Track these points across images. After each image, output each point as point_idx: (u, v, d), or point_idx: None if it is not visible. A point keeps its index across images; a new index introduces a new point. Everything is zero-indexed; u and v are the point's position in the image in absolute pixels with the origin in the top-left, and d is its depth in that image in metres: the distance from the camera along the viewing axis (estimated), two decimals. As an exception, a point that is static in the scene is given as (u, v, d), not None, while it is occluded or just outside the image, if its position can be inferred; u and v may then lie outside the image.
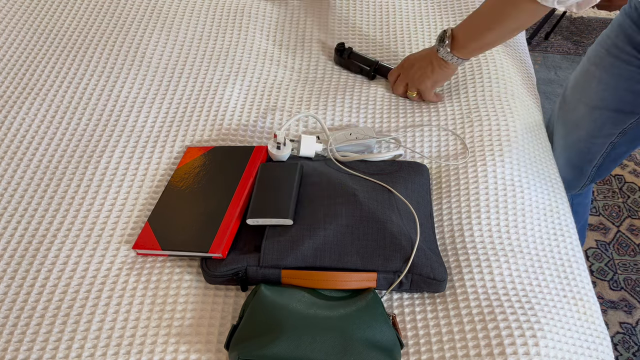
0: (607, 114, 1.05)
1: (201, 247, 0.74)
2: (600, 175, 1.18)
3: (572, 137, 1.13)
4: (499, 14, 0.85)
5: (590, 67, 1.06)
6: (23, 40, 1.11)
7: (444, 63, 0.94)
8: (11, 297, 0.73)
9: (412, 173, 0.86)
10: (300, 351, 0.63)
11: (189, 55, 1.09)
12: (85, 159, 0.90)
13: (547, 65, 2.23)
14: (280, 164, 0.86)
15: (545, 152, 0.98)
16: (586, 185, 1.22)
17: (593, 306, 0.77)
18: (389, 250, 0.73)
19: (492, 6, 0.86)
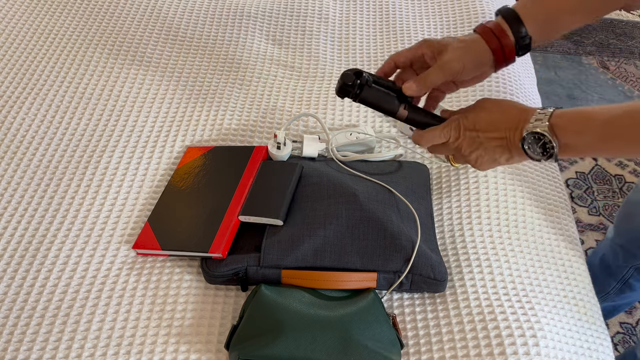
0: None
1: (201, 247, 0.74)
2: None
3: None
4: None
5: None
6: (23, 40, 1.11)
7: (525, 158, 0.64)
8: (11, 297, 0.73)
9: (412, 173, 0.86)
10: (300, 351, 0.63)
11: (188, 55, 1.09)
12: (85, 159, 0.90)
13: (547, 65, 2.23)
14: (281, 163, 0.86)
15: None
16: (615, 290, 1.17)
17: (593, 307, 0.77)
18: (389, 250, 0.73)
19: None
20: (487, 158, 0.67)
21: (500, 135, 0.64)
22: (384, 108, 0.69)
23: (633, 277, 1.10)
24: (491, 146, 0.65)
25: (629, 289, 1.13)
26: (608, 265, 1.13)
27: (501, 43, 0.68)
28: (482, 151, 0.66)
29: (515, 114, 0.64)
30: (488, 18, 1.18)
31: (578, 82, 2.17)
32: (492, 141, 0.65)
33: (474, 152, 0.67)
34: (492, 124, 0.65)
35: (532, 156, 0.62)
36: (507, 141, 0.64)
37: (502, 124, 0.64)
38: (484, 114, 0.66)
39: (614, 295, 1.17)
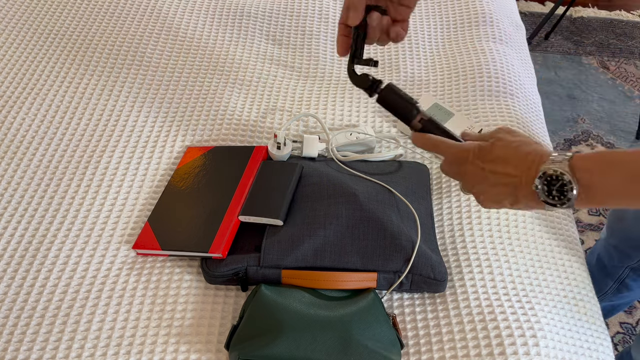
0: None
1: (201, 247, 0.74)
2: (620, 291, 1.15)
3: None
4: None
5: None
6: (23, 40, 1.11)
7: (535, 205, 0.58)
8: (11, 297, 0.73)
9: (412, 173, 0.86)
10: (300, 351, 0.63)
11: (188, 55, 1.09)
12: (85, 159, 0.90)
13: (547, 65, 2.23)
14: (281, 163, 0.86)
15: (546, 152, 0.98)
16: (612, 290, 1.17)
17: (593, 307, 0.77)
18: (389, 250, 0.73)
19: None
20: (490, 195, 0.60)
21: (510, 172, 0.58)
22: (401, 111, 0.68)
23: (629, 277, 1.10)
24: (497, 183, 0.59)
25: (626, 289, 1.13)
26: (604, 265, 1.13)
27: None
28: (485, 186, 0.60)
29: (530, 152, 0.57)
30: (488, 18, 1.18)
31: (578, 82, 2.17)
32: (499, 177, 0.58)
33: (476, 185, 0.61)
34: (504, 158, 0.59)
35: (545, 199, 0.55)
36: (516, 180, 0.57)
37: (514, 160, 0.58)
38: (499, 145, 0.60)
39: (612, 295, 1.17)
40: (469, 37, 1.15)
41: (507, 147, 0.59)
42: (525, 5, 2.51)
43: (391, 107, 0.68)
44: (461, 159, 0.62)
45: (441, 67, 1.09)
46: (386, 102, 0.68)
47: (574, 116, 2.03)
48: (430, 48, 1.14)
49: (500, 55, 1.10)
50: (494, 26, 1.17)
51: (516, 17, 1.26)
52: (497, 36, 1.15)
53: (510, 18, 1.22)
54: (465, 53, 1.11)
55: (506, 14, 1.22)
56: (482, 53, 1.10)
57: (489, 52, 1.10)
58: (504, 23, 1.19)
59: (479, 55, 1.09)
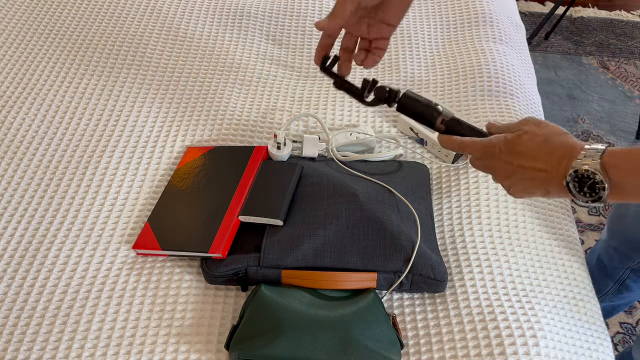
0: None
1: (201, 247, 0.74)
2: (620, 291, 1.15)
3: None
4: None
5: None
6: (23, 40, 1.11)
7: (566, 197, 0.58)
8: (11, 297, 0.73)
9: (412, 173, 0.86)
10: (300, 351, 0.63)
11: (189, 55, 1.09)
12: (85, 159, 0.90)
13: (547, 65, 2.23)
14: (281, 163, 0.86)
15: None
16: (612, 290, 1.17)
17: (593, 307, 0.77)
18: (389, 250, 0.73)
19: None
20: (519, 188, 0.60)
21: (539, 167, 0.57)
22: (422, 116, 0.67)
23: (629, 277, 1.10)
24: (526, 177, 0.58)
25: (626, 290, 1.13)
26: (604, 266, 1.13)
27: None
28: (515, 180, 0.60)
29: (559, 146, 0.56)
30: (488, 18, 1.18)
31: (578, 82, 2.17)
32: (527, 171, 0.58)
33: (506, 179, 0.61)
34: (532, 151, 0.58)
35: (577, 197, 0.55)
36: (546, 174, 0.56)
37: (543, 154, 0.57)
38: (525, 139, 0.58)
39: (612, 296, 1.17)
40: (469, 37, 1.15)
41: (534, 140, 0.58)
42: (525, 5, 2.51)
43: (412, 114, 0.67)
44: (488, 154, 0.61)
45: (441, 67, 1.09)
46: (406, 110, 0.68)
47: (574, 116, 2.03)
48: (430, 48, 1.14)
49: (500, 55, 1.10)
50: (494, 26, 1.17)
51: (516, 17, 1.26)
52: (497, 36, 1.15)
53: (510, 18, 1.22)
54: (465, 53, 1.11)
55: (506, 14, 1.22)
56: (482, 53, 1.10)
57: (489, 52, 1.10)
58: (504, 23, 1.19)
59: (479, 55, 1.09)
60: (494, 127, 0.65)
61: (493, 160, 0.61)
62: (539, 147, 0.57)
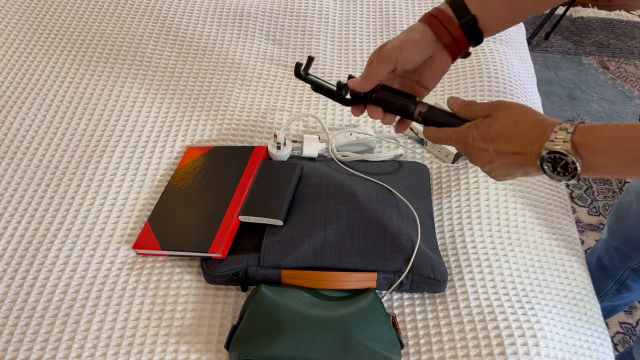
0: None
1: (201, 247, 0.74)
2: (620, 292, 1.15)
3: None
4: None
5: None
6: (23, 40, 1.11)
7: (545, 175, 0.58)
8: (11, 297, 0.73)
9: (412, 173, 0.86)
10: (300, 351, 0.63)
11: (188, 55, 1.09)
12: (85, 159, 0.90)
13: (547, 65, 2.23)
14: (281, 163, 0.86)
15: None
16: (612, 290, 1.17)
17: (593, 307, 0.77)
18: (389, 250, 0.73)
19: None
20: (500, 172, 0.61)
21: (514, 150, 0.57)
22: (398, 106, 0.66)
23: (630, 277, 1.10)
24: (503, 161, 0.59)
25: (626, 290, 1.13)
26: (604, 266, 1.13)
27: (442, 23, 0.65)
28: (494, 165, 0.60)
29: (531, 127, 0.57)
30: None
31: (578, 82, 2.17)
32: (503, 156, 0.59)
33: (485, 165, 0.61)
34: (504, 136, 0.58)
35: (552, 176, 0.56)
36: (522, 157, 0.57)
37: (516, 138, 0.57)
38: (497, 125, 0.59)
39: (612, 296, 1.17)
40: (469, 37, 1.15)
41: (505, 124, 0.58)
42: (525, 5, 2.51)
43: (390, 107, 0.67)
44: (463, 143, 0.61)
45: (441, 67, 1.09)
46: (384, 103, 0.67)
47: (574, 116, 2.03)
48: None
49: (500, 55, 1.10)
50: (494, 26, 1.17)
51: (516, 17, 1.26)
52: (497, 36, 1.15)
53: (510, 18, 1.22)
54: (465, 53, 1.11)
55: (506, 14, 1.22)
56: (482, 53, 1.10)
57: (489, 52, 1.10)
58: (504, 23, 1.19)
59: (479, 55, 1.09)
60: (456, 104, 0.64)
61: (469, 148, 0.61)
62: (511, 130, 0.58)
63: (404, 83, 0.69)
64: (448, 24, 0.65)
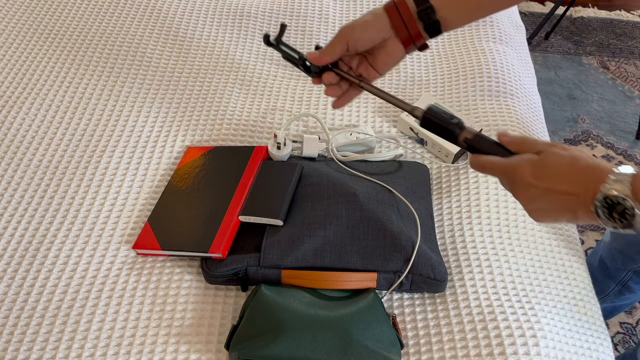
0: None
1: (201, 247, 0.74)
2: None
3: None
4: None
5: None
6: (23, 40, 1.11)
7: (595, 222, 0.54)
8: (11, 297, 0.73)
9: (412, 173, 0.86)
10: (300, 351, 0.63)
11: (188, 55, 1.09)
12: (85, 159, 0.90)
13: (547, 65, 2.23)
14: (281, 163, 0.86)
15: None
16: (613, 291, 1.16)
17: (593, 307, 0.77)
18: (389, 250, 0.73)
19: None
20: (544, 212, 0.57)
21: (567, 190, 0.54)
22: (443, 129, 0.64)
23: (632, 279, 1.10)
24: (552, 201, 0.55)
25: (628, 291, 1.13)
26: (606, 267, 1.13)
27: (398, 10, 0.65)
28: (541, 204, 0.56)
29: (587, 168, 0.54)
30: (488, 18, 1.18)
31: (578, 82, 2.17)
32: (554, 196, 0.55)
33: (530, 203, 0.57)
34: (558, 174, 0.55)
35: (607, 223, 0.52)
36: (575, 198, 0.53)
37: (571, 177, 0.54)
38: (552, 161, 0.56)
39: (613, 297, 1.17)
40: (469, 37, 1.15)
41: (560, 162, 0.55)
42: (525, 5, 2.51)
43: (434, 129, 0.65)
44: (511, 177, 0.58)
45: (441, 67, 1.09)
46: (428, 125, 0.65)
47: (574, 116, 2.03)
48: (430, 48, 1.14)
49: (500, 55, 1.10)
50: (494, 26, 1.17)
51: (516, 17, 1.26)
52: (497, 36, 1.15)
53: (510, 18, 1.23)
54: (465, 53, 1.11)
55: (506, 14, 1.23)
56: (482, 53, 1.10)
57: (489, 52, 1.10)
58: (504, 23, 1.19)
59: (479, 55, 1.09)
60: (506, 137, 0.61)
61: (516, 182, 0.58)
62: (566, 169, 0.54)
63: (360, 62, 0.70)
64: (404, 11, 0.65)
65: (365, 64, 0.70)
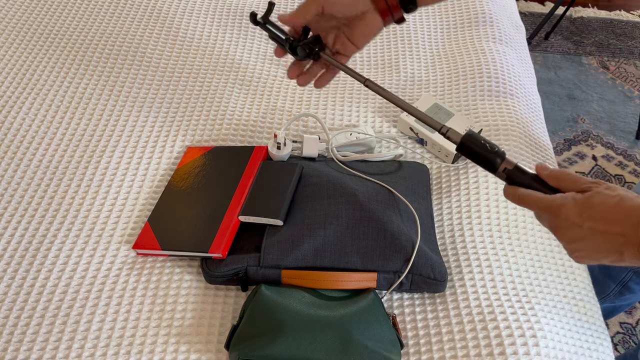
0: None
1: (201, 247, 0.74)
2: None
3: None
4: None
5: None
6: (23, 40, 1.11)
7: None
8: (11, 297, 0.73)
9: (412, 173, 0.86)
10: (300, 351, 0.63)
11: (188, 55, 1.09)
12: (85, 159, 0.90)
13: (547, 65, 2.23)
14: (281, 163, 0.86)
15: (546, 153, 0.98)
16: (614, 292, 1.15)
17: (593, 307, 0.77)
18: (389, 250, 0.73)
19: None
20: (588, 253, 0.55)
21: (614, 231, 0.52)
22: (483, 157, 0.62)
23: (632, 280, 1.10)
24: (598, 240, 0.53)
25: (628, 292, 1.13)
26: (607, 268, 1.13)
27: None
28: (585, 244, 0.55)
29: (635, 208, 0.52)
30: (488, 18, 1.18)
31: (578, 82, 2.17)
32: (600, 236, 0.53)
33: (571, 243, 0.56)
34: (605, 214, 0.53)
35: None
36: (622, 239, 0.52)
37: (618, 218, 0.52)
38: (598, 199, 0.54)
39: (614, 297, 1.17)
40: (469, 37, 1.15)
41: (607, 201, 0.53)
42: (525, 5, 2.51)
43: (474, 158, 0.63)
44: (555, 216, 0.56)
45: (441, 67, 1.09)
46: (467, 152, 0.63)
47: (574, 116, 2.03)
48: (430, 48, 1.14)
49: (500, 55, 1.10)
50: (494, 26, 1.17)
51: (516, 17, 1.26)
52: (497, 36, 1.15)
53: (510, 18, 1.22)
54: (465, 53, 1.11)
55: (506, 14, 1.23)
56: (482, 53, 1.10)
57: (489, 52, 1.10)
58: (504, 23, 1.19)
59: (479, 55, 1.09)
60: (545, 170, 0.59)
61: (560, 221, 0.55)
62: (613, 209, 0.52)
63: (338, 36, 0.70)
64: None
65: (342, 39, 0.70)
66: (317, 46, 0.69)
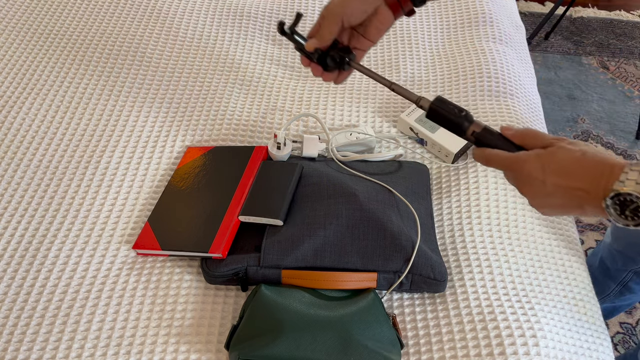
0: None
1: (201, 247, 0.74)
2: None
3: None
4: None
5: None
6: (23, 40, 1.11)
7: (604, 216, 0.53)
8: (11, 297, 0.73)
9: (412, 173, 0.86)
10: (300, 351, 0.63)
11: (189, 55, 1.09)
12: (85, 159, 0.90)
13: (547, 65, 2.23)
14: (281, 163, 0.86)
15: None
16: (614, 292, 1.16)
17: (593, 307, 0.77)
18: (389, 250, 0.73)
19: None
20: (552, 207, 0.56)
21: (576, 186, 0.53)
22: (450, 122, 0.63)
23: (632, 280, 1.10)
24: (560, 197, 0.54)
25: (628, 292, 1.13)
26: (607, 268, 1.13)
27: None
28: (548, 200, 0.55)
29: (597, 164, 0.52)
30: (488, 18, 1.18)
31: (578, 82, 2.17)
32: (562, 191, 0.54)
33: (537, 198, 0.57)
34: (567, 170, 0.53)
35: (618, 220, 0.50)
36: (584, 194, 0.52)
37: (580, 173, 0.53)
38: (560, 156, 0.54)
39: (614, 297, 1.17)
40: (469, 37, 1.15)
41: (570, 156, 0.54)
42: (525, 5, 2.51)
43: (441, 121, 0.64)
44: (518, 172, 0.57)
45: (441, 67, 1.09)
46: (435, 116, 0.64)
47: (574, 116, 2.03)
48: (430, 48, 1.14)
49: (500, 55, 1.10)
50: (494, 26, 1.17)
51: (516, 17, 1.26)
52: (497, 36, 1.15)
53: (510, 18, 1.22)
54: (465, 53, 1.11)
55: (506, 14, 1.22)
56: (482, 53, 1.10)
57: (489, 52, 1.10)
58: (504, 23, 1.19)
59: (479, 55, 1.09)
60: (510, 130, 0.60)
61: (523, 176, 0.56)
62: (574, 164, 0.53)
63: (352, 35, 0.72)
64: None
65: (356, 36, 0.71)
66: (347, 56, 0.70)
